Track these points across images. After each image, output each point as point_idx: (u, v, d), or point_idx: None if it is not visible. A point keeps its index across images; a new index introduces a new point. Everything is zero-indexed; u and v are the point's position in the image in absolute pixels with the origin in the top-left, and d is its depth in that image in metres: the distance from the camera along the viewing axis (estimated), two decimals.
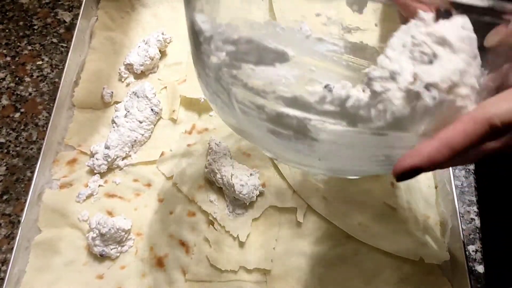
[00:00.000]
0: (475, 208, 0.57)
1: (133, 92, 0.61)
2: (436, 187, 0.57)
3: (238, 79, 0.33)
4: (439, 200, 0.56)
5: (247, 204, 0.55)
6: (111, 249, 0.53)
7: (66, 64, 0.62)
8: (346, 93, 0.29)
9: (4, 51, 0.68)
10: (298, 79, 0.34)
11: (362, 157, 0.35)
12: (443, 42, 0.29)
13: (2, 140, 0.62)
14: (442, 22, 0.30)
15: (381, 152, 0.33)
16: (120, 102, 0.62)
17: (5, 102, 0.64)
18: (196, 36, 0.34)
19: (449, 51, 0.29)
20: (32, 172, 0.58)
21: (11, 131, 0.62)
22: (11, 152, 0.61)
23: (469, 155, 0.35)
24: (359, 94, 0.30)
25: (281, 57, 0.33)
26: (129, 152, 0.59)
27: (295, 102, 0.31)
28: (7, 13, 0.72)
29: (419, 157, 0.30)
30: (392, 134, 0.30)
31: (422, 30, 0.30)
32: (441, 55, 0.29)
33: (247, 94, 0.33)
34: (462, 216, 0.56)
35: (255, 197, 0.55)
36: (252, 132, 0.38)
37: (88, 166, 0.57)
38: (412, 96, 0.29)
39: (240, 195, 0.54)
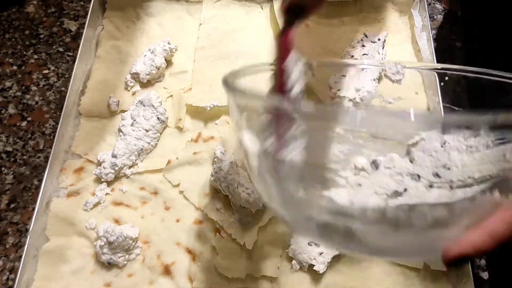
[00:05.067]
0: None
1: (139, 100, 0.61)
2: None
3: (287, 192, 0.35)
4: None
5: (254, 212, 0.55)
6: (119, 257, 0.53)
7: (73, 73, 0.62)
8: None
9: (11, 60, 0.69)
10: (347, 155, 0.37)
11: (410, 249, 0.36)
12: None
13: (9, 149, 0.62)
14: None
15: (427, 245, 0.34)
16: (127, 110, 0.62)
17: (11, 111, 0.65)
18: (245, 152, 0.37)
19: None
20: (40, 181, 0.58)
21: (18, 140, 0.63)
22: (18, 160, 0.61)
23: None
24: (404, 164, 0.32)
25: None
26: (135, 160, 0.59)
27: (339, 212, 0.33)
28: (13, 22, 0.72)
29: (464, 246, 0.30)
30: (435, 231, 0.32)
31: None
32: None
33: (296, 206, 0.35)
34: None
35: (261, 205, 0.55)
36: (304, 232, 0.40)
37: (95, 174, 0.58)
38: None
39: (247, 203, 0.54)
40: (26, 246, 0.52)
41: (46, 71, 0.68)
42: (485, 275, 0.54)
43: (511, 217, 0.30)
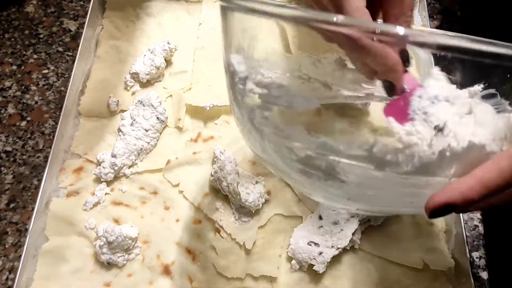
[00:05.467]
0: (478, 215, 0.58)
1: (139, 100, 0.61)
2: None
3: (270, 120, 0.33)
4: None
5: (253, 211, 0.55)
6: (118, 257, 0.53)
7: (73, 72, 0.62)
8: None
9: (10, 60, 0.69)
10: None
11: (391, 199, 0.35)
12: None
13: (9, 149, 0.62)
14: None
15: (411, 195, 0.32)
16: (126, 110, 0.62)
17: (11, 110, 0.65)
18: (231, 76, 0.36)
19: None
20: (39, 181, 0.58)
21: (17, 140, 0.63)
22: (17, 160, 0.61)
23: (503, 197, 0.33)
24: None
25: (310, 102, 0.34)
26: (135, 160, 0.59)
27: (324, 145, 0.31)
28: (13, 22, 0.72)
29: (452, 193, 0.28)
30: (421, 178, 0.30)
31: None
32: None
33: (278, 136, 0.34)
34: (466, 223, 0.57)
35: (261, 205, 0.55)
36: (283, 169, 0.38)
37: (95, 174, 0.58)
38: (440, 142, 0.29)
39: (246, 203, 0.54)
40: (25, 246, 0.52)
41: (46, 71, 0.68)
42: (485, 274, 0.54)
43: (508, 166, 0.27)
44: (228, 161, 0.57)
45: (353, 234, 0.52)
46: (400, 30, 0.29)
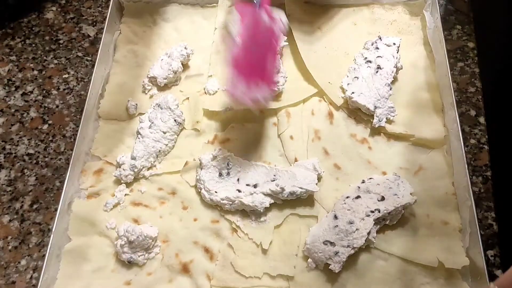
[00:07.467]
0: (493, 214, 0.58)
1: (157, 103, 0.63)
2: (454, 194, 0.58)
3: None
4: (457, 207, 0.57)
5: (261, 211, 0.56)
6: (139, 256, 0.54)
7: (92, 77, 0.64)
8: None
9: (32, 65, 0.71)
10: None
11: None
12: None
13: (31, 151, 0.64)
14: None
15: None
16: (144, 113, 0.64)
17: (33, 114, 0.67)
18: None
19: None
20: (61, 182, 0.60)
21: (39, 143, 0.65)
22: (40, 162, 0.63)
23: None
24: None
25: None
26: (154, 162, 0.61)
27: None
28: (33, 28, 0.74)
29: None
30: None
31: None
32: None
33: None
34: (481, 222, 0.57)
35: (268, 203, 0.56)
36: None
37: (115, 176, 0.59)
38: None
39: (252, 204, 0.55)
40: (49, 246, 0.53)
41: (66, 76, 0.70)
42: (499, 272, 0.55)
43: None
44: None
45: (368, 233, 0.53)
46: None
